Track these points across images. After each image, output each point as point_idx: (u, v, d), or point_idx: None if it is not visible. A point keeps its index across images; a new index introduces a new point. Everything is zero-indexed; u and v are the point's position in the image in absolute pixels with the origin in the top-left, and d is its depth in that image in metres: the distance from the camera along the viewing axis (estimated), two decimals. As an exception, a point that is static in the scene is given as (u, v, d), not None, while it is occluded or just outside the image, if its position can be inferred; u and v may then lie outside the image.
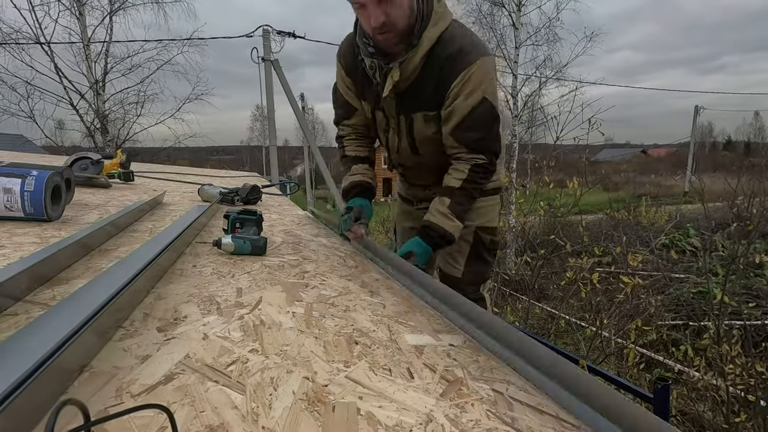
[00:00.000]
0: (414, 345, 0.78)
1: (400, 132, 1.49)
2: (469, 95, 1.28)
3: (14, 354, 0.50)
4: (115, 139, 10.29)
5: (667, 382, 1.67)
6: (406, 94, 1.38)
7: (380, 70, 1.35)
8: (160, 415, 0.49)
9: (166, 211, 1.89)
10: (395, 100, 1.41)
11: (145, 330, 0.72)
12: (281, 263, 1.22)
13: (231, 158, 46.26)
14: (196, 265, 1.13)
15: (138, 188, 2.60)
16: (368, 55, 1.35)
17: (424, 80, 1.33)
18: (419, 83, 1.34)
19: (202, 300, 0.88)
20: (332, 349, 0.72)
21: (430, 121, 1.39)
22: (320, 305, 0.92)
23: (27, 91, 9.40)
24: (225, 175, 4.60)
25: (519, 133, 10.79)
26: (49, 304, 0.78)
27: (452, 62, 1.28)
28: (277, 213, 2.19)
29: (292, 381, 0.61)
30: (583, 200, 5.67)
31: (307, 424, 0.51)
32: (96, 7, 9.66)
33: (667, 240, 8.62)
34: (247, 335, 0.73)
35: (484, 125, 1.33)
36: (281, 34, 8.99)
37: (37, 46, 9.12)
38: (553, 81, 11.03)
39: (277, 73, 8.70)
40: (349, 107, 1.59)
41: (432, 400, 0.60)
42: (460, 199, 1.38)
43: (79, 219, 1.53)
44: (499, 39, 10.94)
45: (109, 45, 9.89)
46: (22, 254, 1.04)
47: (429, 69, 1.31)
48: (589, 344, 3.84)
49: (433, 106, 1.35)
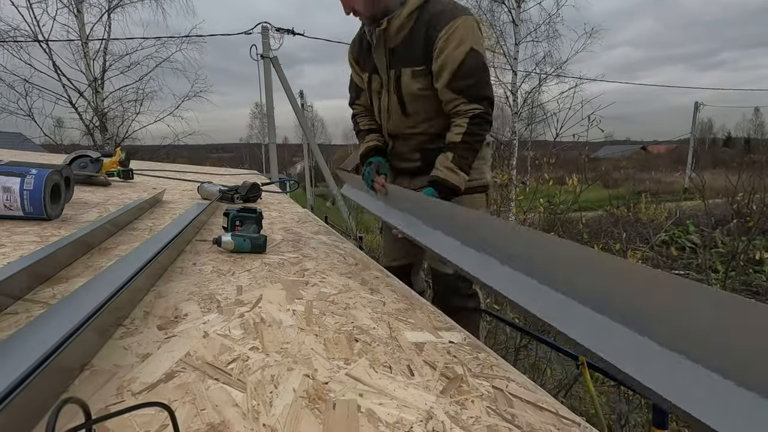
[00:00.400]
0: (414, 342, 0.78)
1: (389, 90, 1.60)
2: (458, 47, 1.38)
3: (15, 352, 0.50)
4: (114, 137, 10.28)
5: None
6: (396, 51, 1.52)
7: (374, 32, 1.52)
8: (161, 413, 0.49)
9: (166, 209, 1.89)
10: (386, 57, 1.55)
11: (146, 328, 0.72)
12: (281, 261, 1.22)
13: (230, 156, 46.20)
14: (196, 263, 1.13)
15: (137, 186, 2.59)
16: (367, 24, 1.55)
17: (413, 38, 1.46)
18: (409, 41, 1.47)
19: (203, 298, 0.88)
20: (332, 346, 0.72)
21: (418, 76, 1.49)
22: (320, 303, 0.92)
23: (25, 89, 9.40)
24: (225, 172, 4.59)
25: (519, 130, 10.78)
26: (49, 302, 0.79)
27: (437, 18, 1.41)
28: (277, 211, 2.19)
29: (293, 379, 0.61)
30: (583, 197, 5.67)
31: (307, 422, 0.51)
32: (94, 5, 9.64)
33: (667, 236, 8.63)
34: (248, 333, 0.73)
35: (477, 72, 1.41)
36: (280, 31, 8.97)
37: (36, 43, 9.10)
38: (553, 78, 11.03)
39: (276, 71, 8.70)
40: (357, 89, 1.79)
41: (432, 397, 0.60)
42: (463, 152, 1.45)
43: (79, 217, 1.53)
44: (498, 35, 10.93)
45: (108, 42, 9.87)
46: (22, 253, 1.04)
47: (417, 27, 1.45)
48: (589, 341, 3.85)
49: (420, 61, 1.46)
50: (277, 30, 8.94)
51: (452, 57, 1.39)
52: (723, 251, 6.22)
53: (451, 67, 1.40)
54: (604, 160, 27.94)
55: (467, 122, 1.44)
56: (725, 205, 9.07)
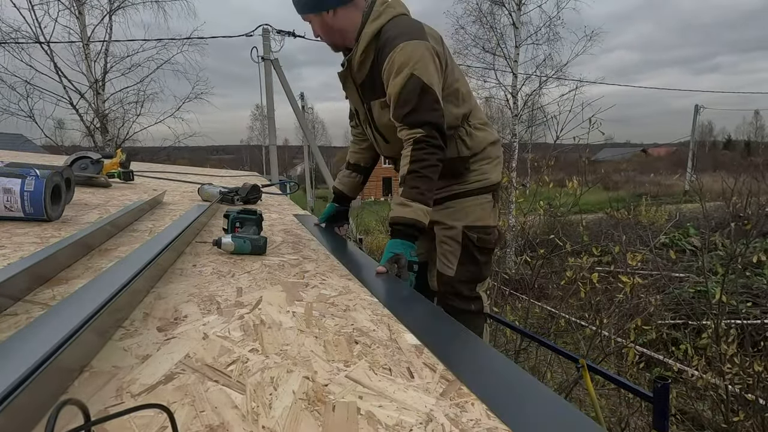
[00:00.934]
0: (414, 344, 0.78)
1: (368, 121, 1.65)
2: (397, 75, 1.39)
3: (15, 354, 0.50)
4: (115, 138, 10.29)
5: (666, 381, 1.66)
6: (364, 85, 1.56)
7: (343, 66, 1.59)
8: (160, 414, 0.49)
9: (166, 211, 1.89)
10: (358, 93, 1.61)
11: (145, 330, 0.72)
12: (281, 263, 1.22)
13: (231, 158, 46.27)
14: (196, 265, 1.13)
15: (138, 188, 2.60)
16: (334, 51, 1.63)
17: (374, 70, 1.50)
18: (371, 73, 1.51)
19: (202, 300, 0.88)
20: (332, 348, 0.72)
21: (386, 107, 1.51)
22: (320, 305, 0.92)
23: (26, 90, 9.42)
24: (225, 174, 4.60)
25: (519, 132, 10.79)
26: (49, 304, 0.79)
27: (383, 51, 1.44)
28: (277, 212, 2.19)
29: (292, 380, 0.61)
30: (583, 199, 5.67)
31: (307, 424, 0.51)
32: (95, 6, 9.66)
33: (667, 239, 8.63)
34: (247, 335, 0.73)
35: (414, 97, 1.38)
36: (281, 34, 8.99)
37: (37, 45, 9.12)
38: (554, 80, 11.04)
39: (276, 72, 8.71)
40: (353, 110, 1.79)
41: (432, 399, 0.60)
42: (412, 182, 1.37)
43: (79, 219, 1.53)
44: (499, 38, 10.96)
45: (109, 44, 9.89)
46: (22, 254, 1.04)
47: (376, 58, 1.48)
48: (588, 343, 3.84)
49: (383, 92, 1.48)
50: (278, 32, 8.96)
51: (393, 86, 1.40)
52: (722, 254, 6.21)
53: (394, 97, 1.41)
54: (604, 162, 27.95)
55: (411, 150, 1.39)
56: (725, 208, 9.07)
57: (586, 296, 4.18)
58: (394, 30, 1.43)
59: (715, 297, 3.84)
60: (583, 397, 3.59)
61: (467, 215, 1.62)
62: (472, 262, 1.64)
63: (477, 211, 1.64)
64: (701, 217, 9.36)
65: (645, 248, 6.17)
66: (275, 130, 9.73)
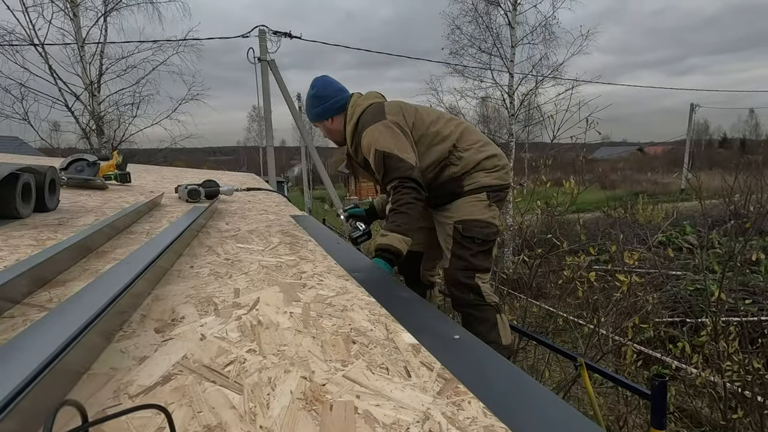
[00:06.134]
0: (411, 344, 0.78)
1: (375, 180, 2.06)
2: (368, 154, 1.84)
3: (18, 357, 0.50)
4: (111, 140, 10.25)
5: (664, 379, 1.67)
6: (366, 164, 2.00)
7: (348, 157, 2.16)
8: (158, 415, 0.50)
9: (164, 213, 1.89)
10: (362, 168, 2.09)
11: (143, 331, 0.72)
12: (279, 263, 1.22)
13: (228, 159, 46.26)
14: (193, 266, 1.13)
15: (135, 190, 2.59)
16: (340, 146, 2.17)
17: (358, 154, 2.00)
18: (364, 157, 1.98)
19: (200, 301, 0.88)
20: (330, 348, 0.72)
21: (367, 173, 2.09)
22: (318, 305, 0.92)
23: (21, 92, 9.35)
24: (222, 175, 4.59)
25: (516, 132, 10.81)
26: (47, 306, 0.78)
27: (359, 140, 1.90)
28: (275, 213, 2.19)
29: (290, 380, 0.61)
30: (581, 198, 5.67)
31: (305, 424, 0.52)
32: (90, 8, 9.62)
33: (664, 237, 8.64)
34: (245, 335, 0.73)
35: (382, 166, 1.80)
36: (277, 35, 8.98)
37: (31, 47, 9.08)
38: (550, 79, 11.06)
39: (273, 74, 8.69)
40: None
41: (429, 398, 0.60)
42: (392, 218, 1.74)
43: (76, 221, 1.53)
44: (494, 38, 10.97)
45: (104, 46, 9.85)
46: (19, 257, 1.04)
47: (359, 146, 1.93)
48: (586, 342, 3.85)
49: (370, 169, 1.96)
50: (275, 33, 8.95)
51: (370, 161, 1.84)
52: (720, 252, 6.22)
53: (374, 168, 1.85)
54: (602, 161, 28.02)
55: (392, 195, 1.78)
56: (722, 206, 9.10)
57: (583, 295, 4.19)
58: (361, 123, 1.90)
59: (713, 295, 3.85)
60: (582, 395, 3.60)
61: (458, 211, 1.88)
62: (460, 249, 1.86)
63: (467, 207, 1.87)
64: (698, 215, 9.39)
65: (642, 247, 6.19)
66: (272, 131, 9.72)
